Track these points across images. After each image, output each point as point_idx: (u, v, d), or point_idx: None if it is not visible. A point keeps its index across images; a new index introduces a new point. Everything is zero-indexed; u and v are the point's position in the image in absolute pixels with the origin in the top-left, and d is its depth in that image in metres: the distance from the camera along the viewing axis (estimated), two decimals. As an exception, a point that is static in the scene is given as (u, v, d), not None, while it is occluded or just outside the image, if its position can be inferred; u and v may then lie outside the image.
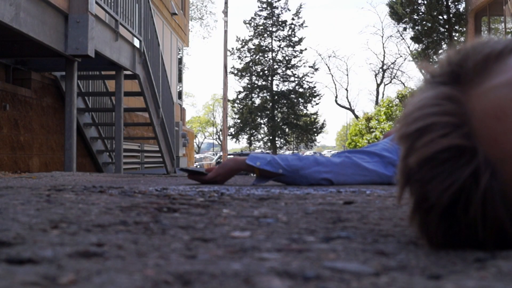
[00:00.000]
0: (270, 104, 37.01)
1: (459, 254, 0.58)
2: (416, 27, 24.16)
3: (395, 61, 36.62)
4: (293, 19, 37.51)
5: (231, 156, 16.13)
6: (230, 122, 37.60)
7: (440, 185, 0.58)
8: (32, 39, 4.03)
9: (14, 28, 3.70)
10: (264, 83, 37.32)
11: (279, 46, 37.58)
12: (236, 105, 37.20)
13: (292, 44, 37.53)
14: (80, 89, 6.86)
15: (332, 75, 43.81)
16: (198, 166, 24.82)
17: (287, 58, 37.62)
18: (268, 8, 37.36)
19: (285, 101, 37.15)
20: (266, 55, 37.43)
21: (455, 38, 23.48)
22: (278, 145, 37.59)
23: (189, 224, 0.84)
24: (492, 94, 0.60)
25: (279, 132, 37.12)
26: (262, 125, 37.57)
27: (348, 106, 39.22)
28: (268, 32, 37.47)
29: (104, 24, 5.38)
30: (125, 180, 2.67)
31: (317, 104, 37.56)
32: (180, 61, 16.57)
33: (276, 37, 37.59)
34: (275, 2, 37.33)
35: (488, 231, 0.58)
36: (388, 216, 0.96)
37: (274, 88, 37.35)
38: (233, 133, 36.88)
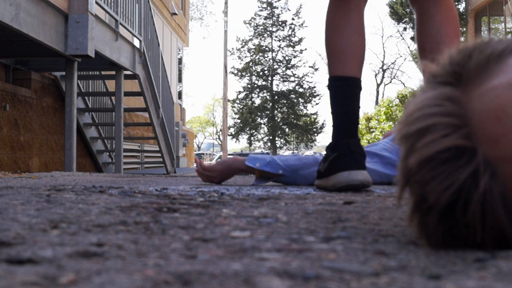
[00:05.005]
0: (270, 104, 37.01)
1: (459, 254, 0.58)
2: (416, 27, 24.13)
3: (395, 61, 36.71)
4: (293, 19, 37.51)
5: (231, 156, 16.10)
6: (230, 122, 37.61)
7: (439, 185, 0.58)
8: (32, 39, 4.03)
9: (14, 28, 3.70)
10: (264, 83, 37.33)
11: (279, 46, 37.59)
12: (236, 105, 37.20)
13: (292, 44, 37.53)
14: (80, 89, 6.86)
15: (332, 75, 43.64)
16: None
17: (287, 58, 37.63)
18: (268, 8, 37.37)
19: (285, 101, 37.15)
20: (266, 55, 37.44)
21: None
22: (278, 145, 37.59)
23: (189, 224, 0.84)
24: (493, 94, 0.60)
25: (279, 132, 37.11)
26: (262, 125, 37.57)
27: (348, 106, 39.10)
28: (268, 32, 37.48)
29: (104, 24, 5.38)
30: (125, 180, 2.67)
31: (317, 104, 37.55)
32: (180, 61, 16.57)
33: (276, 37, 37.60)
34: (275, 2, 37.34)
35: (487, 232, 0.58)
36: (388, 216, 0.96)
37: (274, 88, 37.36)
38: (233, 133, 36.88)
